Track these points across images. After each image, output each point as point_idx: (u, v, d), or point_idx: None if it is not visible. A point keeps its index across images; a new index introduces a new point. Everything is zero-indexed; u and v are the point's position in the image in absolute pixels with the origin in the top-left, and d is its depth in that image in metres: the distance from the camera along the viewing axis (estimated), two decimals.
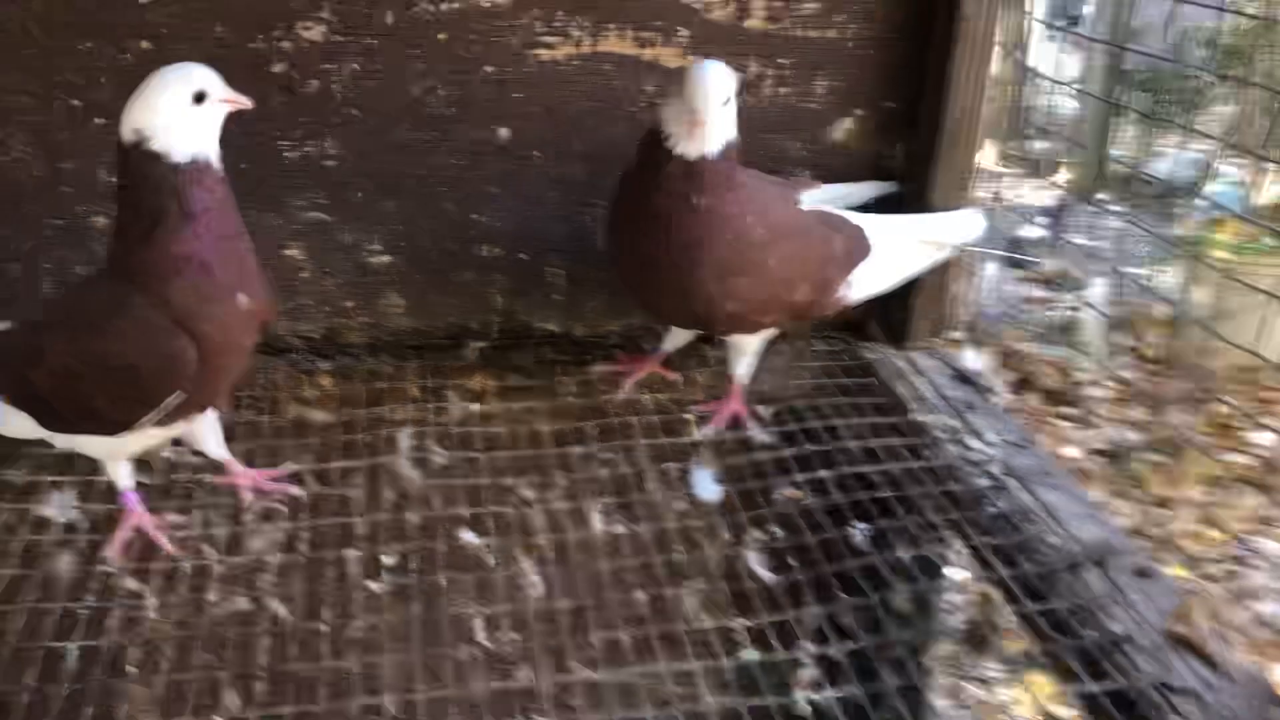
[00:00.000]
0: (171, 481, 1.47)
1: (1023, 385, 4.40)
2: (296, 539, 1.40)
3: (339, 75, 1.62)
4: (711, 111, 1.37)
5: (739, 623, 1.30)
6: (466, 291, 1.79)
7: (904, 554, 1.37)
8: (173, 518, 1.40)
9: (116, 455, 1.36)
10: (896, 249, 1.66)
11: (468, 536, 1.40)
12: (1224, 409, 3.88)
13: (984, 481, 1.50)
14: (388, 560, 1.37)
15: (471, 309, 1.80)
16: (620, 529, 1.44)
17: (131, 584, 1.31)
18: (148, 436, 1.32)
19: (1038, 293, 5.25)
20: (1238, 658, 1.21)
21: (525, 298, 1.81)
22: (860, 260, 1.60)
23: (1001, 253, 1.62)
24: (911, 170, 1.81)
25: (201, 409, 1.36)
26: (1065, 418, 4.27)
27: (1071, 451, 3.94)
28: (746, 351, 1.64)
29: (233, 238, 1.24)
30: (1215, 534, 3.54)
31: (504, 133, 1.70)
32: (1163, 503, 3.65)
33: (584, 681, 1.20)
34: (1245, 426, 3.84)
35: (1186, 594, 1.30)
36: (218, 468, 1.46)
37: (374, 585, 1.33)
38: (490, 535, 1.40)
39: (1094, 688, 1.16)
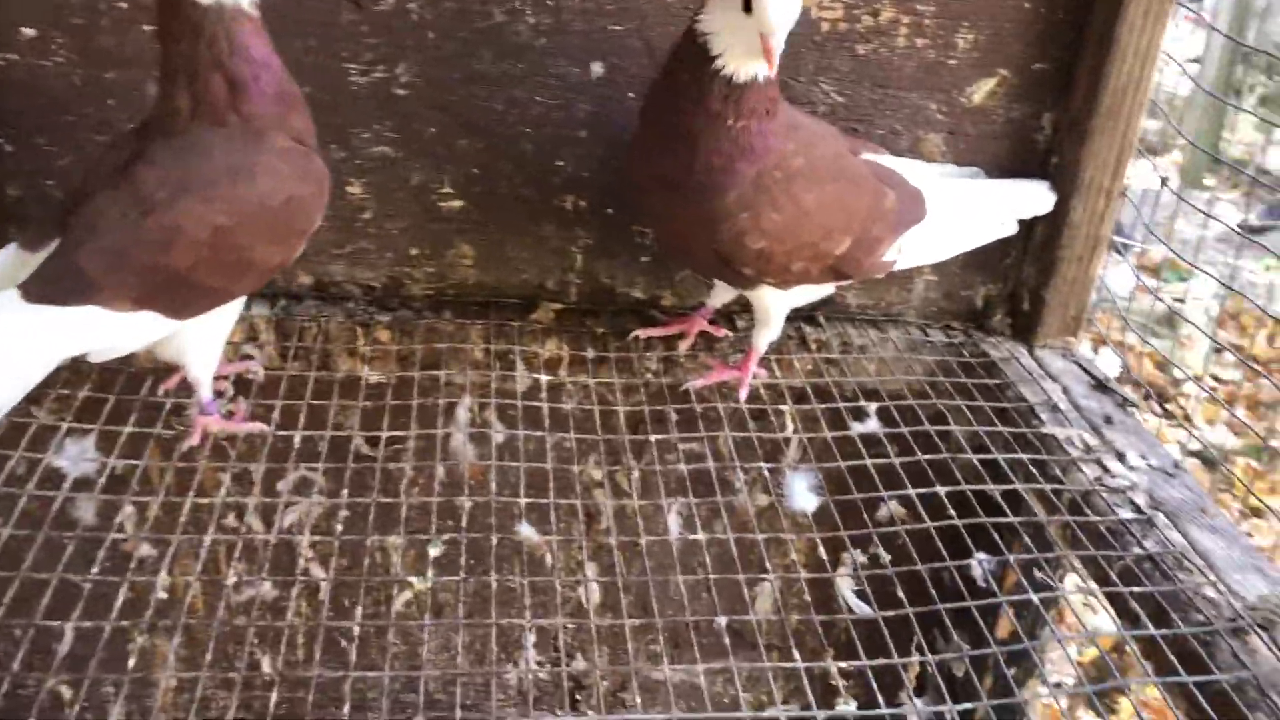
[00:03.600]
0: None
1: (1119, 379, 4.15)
2: (334, 518, 1.23)
3: None
4: (784, 35, 1.19)
5: (835, 665, 1.10)
6: (545, 246, 1.60)
7: (1032, 596, 1.17)
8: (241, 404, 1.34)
9: (221, 337, 1.29)
10: (957, 217, 1.50)
11: (525, 530, 1.22)
12: None
13: (1127, 514, 1.29)
14: (434, 552, 1.20)
15: (549, 267, 1.61)
16: (701, 536, 1.25)
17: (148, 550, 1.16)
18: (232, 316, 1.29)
19: (1139, 281, 4.94)
20: None
21: (610, 258, 1.61)
22: (913, 223, 1.44)
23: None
24: (1059, 144, 1.58)
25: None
26: (1160, 415, 4.01)
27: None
28: (771, 314, 1.47)
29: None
30: None
31: (597, 68, 1.49)
32: (1256, 511, 3.40)
33: None
34: None
35: None
36: None
37: (416, 581, 1.16)
38: (551, 532, 1.23)
39: None
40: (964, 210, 1.51)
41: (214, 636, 1.05)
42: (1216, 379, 4.51)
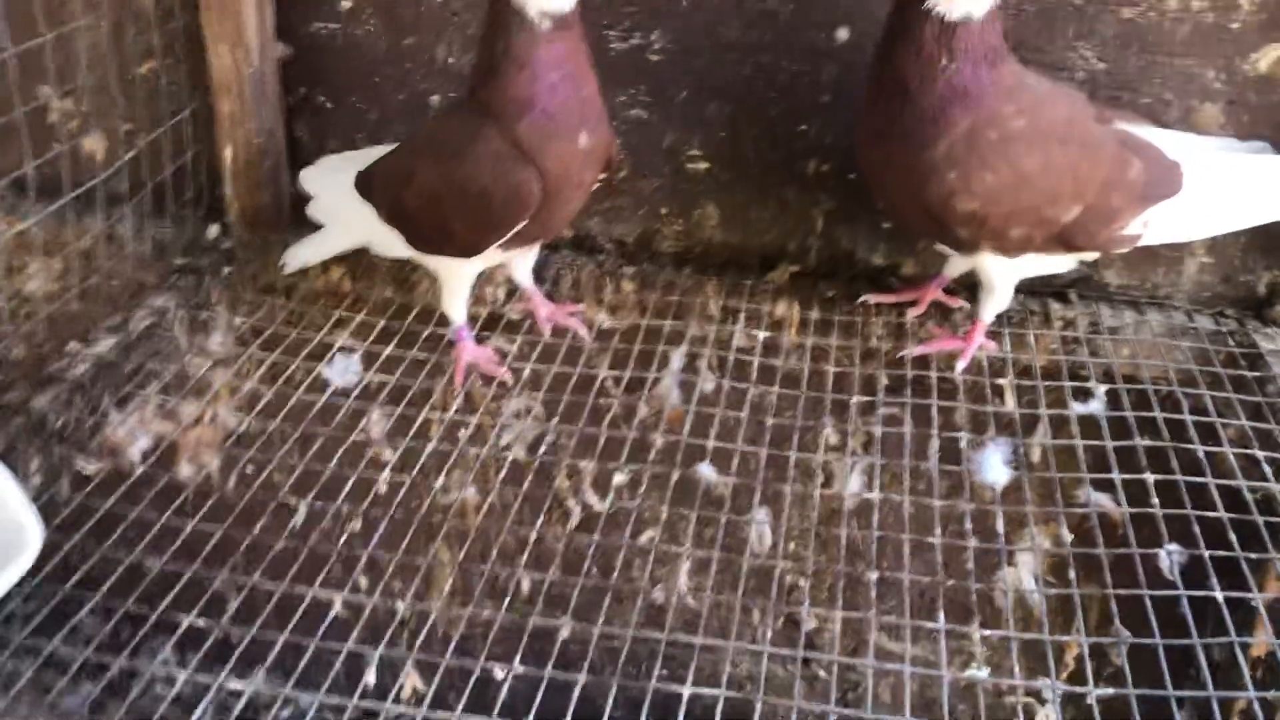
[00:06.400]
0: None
1: None
2: (540, 442, 1.36)
3: None
4: None
5: (978, 631, 1.08)
6: (787, 209, 1.64)
7: (1220, 595, 1.08)
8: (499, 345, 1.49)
9: (463, 278, 1.44)
10: (1220, 193, 1.36)
11: (705, 470, 1.29)
12: None
13: None
14: (619, 479, 1.29)
15: (790, 229, 1.65)
16: (877, 495, 1.26)
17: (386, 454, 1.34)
18: (490, 258, 1.40)
19: None
20: None
21: (851, 223, 1.63)
22: (1164, 196, 1.32)
23: None
24: None
25: (543, 236, 1.43)
26: None
27: None
28: (996, 282, 1.40)
29: (575, 79, 1.27)
30: None
31: (843, 34, 1.51)
32: None
33: (772, 654, 1.06)
34: None
35: None
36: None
37: (597, 501, 1.27)
38: (730, 474, 1.28)
39: None
40: (1233, 187, 1.38)
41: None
42: None
